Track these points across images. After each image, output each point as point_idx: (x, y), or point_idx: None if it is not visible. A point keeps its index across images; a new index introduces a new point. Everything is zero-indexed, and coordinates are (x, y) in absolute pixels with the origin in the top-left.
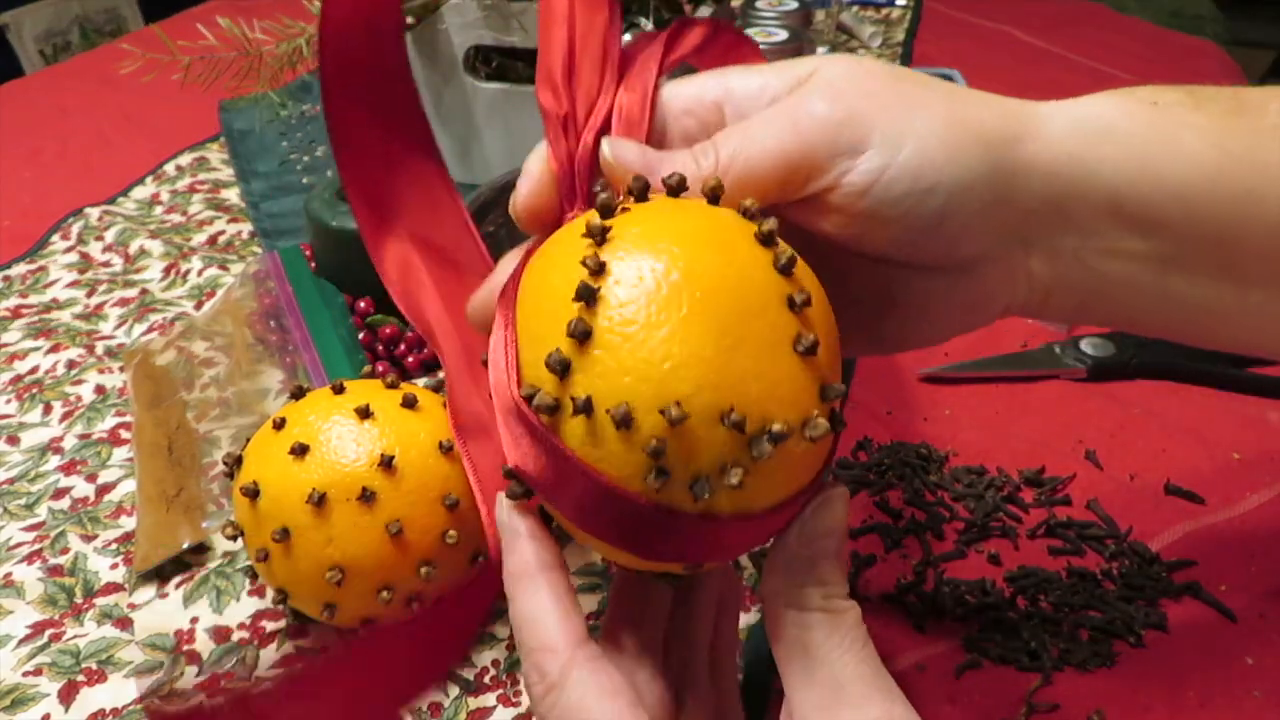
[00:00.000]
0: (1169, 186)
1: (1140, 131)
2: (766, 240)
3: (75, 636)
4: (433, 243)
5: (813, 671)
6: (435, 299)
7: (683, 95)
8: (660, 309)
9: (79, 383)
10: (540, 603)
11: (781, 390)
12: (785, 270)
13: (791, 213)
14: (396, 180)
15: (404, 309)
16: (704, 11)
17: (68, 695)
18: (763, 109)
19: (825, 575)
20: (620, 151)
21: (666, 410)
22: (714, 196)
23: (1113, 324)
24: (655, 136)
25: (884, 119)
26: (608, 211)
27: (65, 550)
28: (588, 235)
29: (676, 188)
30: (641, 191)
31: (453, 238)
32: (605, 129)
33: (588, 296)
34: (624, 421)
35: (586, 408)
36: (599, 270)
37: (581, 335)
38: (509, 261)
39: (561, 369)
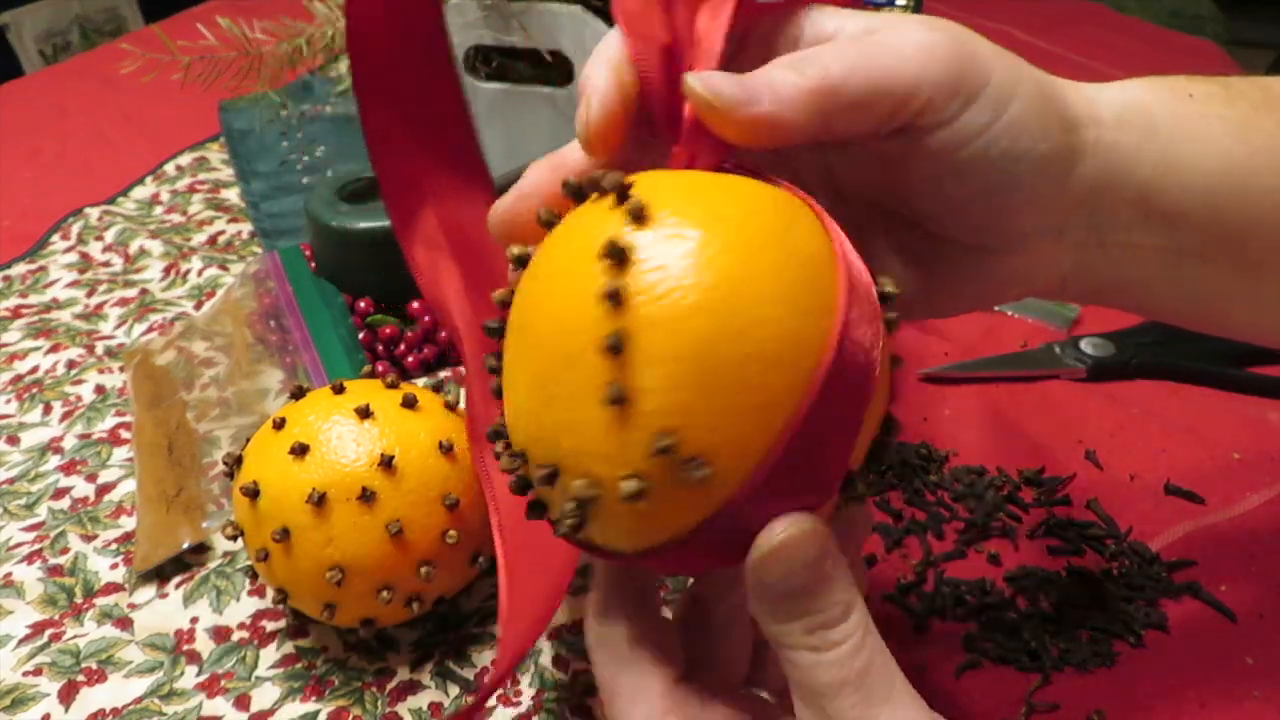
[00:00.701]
0: (1196, 183)
1: (1174, 127)
2: (617, 257)
3: (75, 636)
4: (465, 233)
5: (806, 711)
6: (462, 296)
7: (771, 28)
8: (507, 359)
9: (79, 383)
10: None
11: (592, 445)
12: (614, 300)
13: (862, 150)
14: (430, 164)
15: (430, 300)
16: None
17: (68, 695)
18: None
19: (793, 612)
20: (714, 84)
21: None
22: (622, 195)
23: (1122, 309)
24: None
25: (999, 69)
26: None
27: (65, 550)
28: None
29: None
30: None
31: (484, 228)
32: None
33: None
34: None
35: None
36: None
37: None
38: (539, 170)
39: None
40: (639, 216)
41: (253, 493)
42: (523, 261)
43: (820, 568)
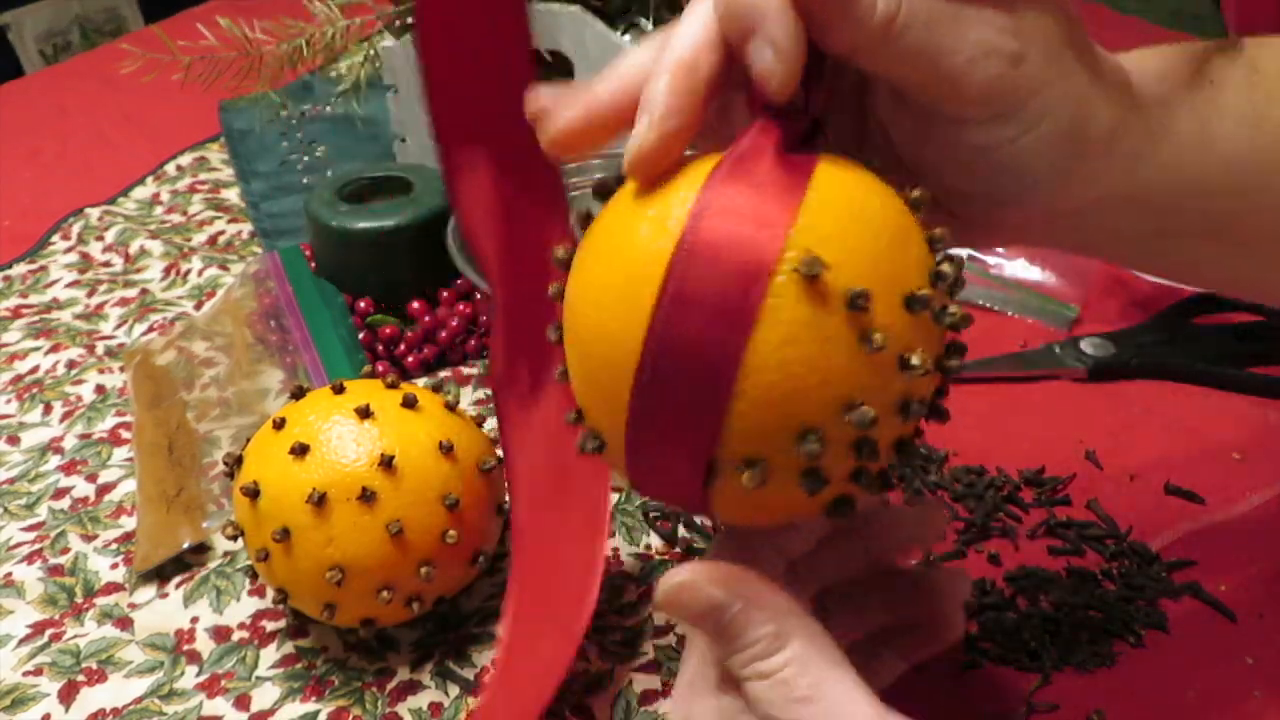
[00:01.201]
0: (1194, 184)
1: (1186, 131)
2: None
3: (75, 636)
4: (518, 172)
5: None
6: (503, 234)
7: None
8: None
9: (79, 383)
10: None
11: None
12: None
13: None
14: (486, 89)
15: (468, 236)
16: None
17: (68, 695)
18: None
19: (723, 649)
20: None
21: None
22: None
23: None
24: None
25: (1044, 90)
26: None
27: (65, 550)
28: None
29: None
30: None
31: (537, 170)
32: None
33: None
34: None
35: None
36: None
37: None
38: (643, 51)
39: None
40: None
41: (253, 493)
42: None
43: (719, 614)
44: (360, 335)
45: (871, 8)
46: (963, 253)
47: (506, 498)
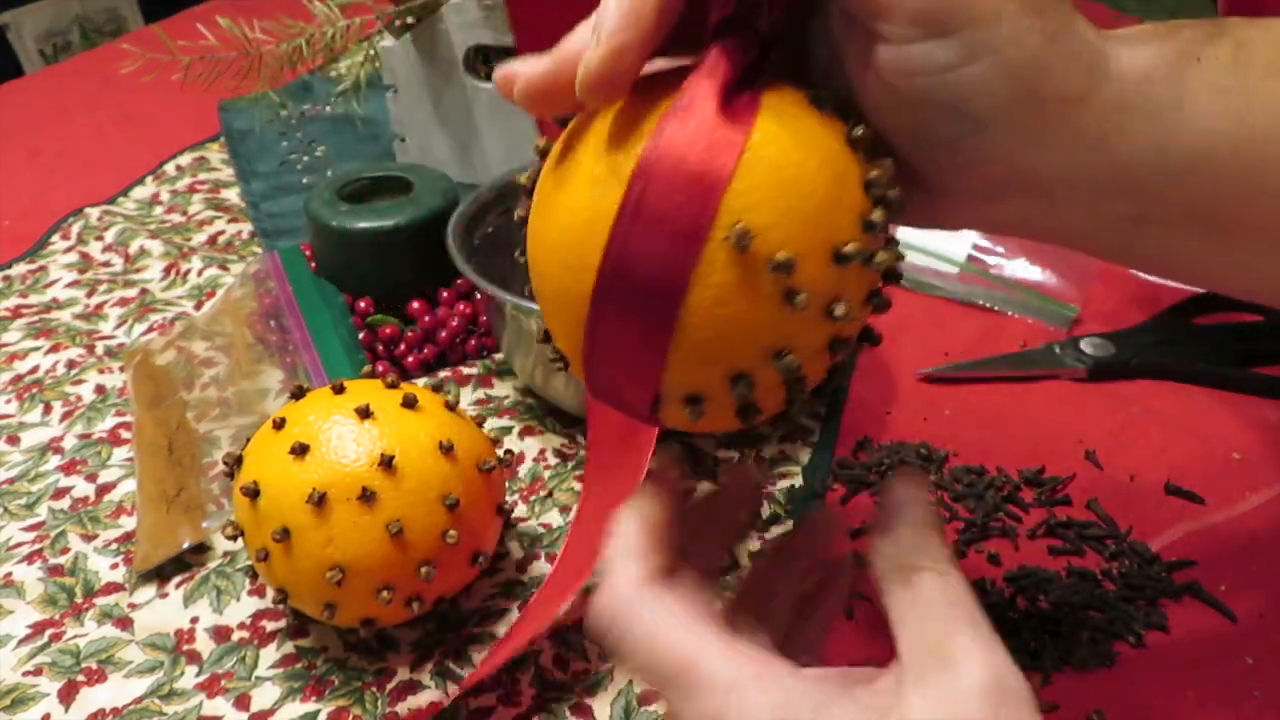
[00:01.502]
0: (1179, 164)
1: (1172, 109)
2: None
3: (75, 636)
4: None
5: (925, 621)
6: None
7: None
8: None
9: (79, 383)
10: (680, 625)
11: None
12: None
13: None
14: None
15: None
16: None
17: (68, 695)
18: None
19: (929, 542)
20: None
21: None
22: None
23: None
24: None
25: (992, 19)
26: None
27: (65, 550)
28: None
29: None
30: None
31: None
32: None
33: None
34: None
35: None
36: None
37: None
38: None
39: None
40: None
41: (253, 493)
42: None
43: (930, 509)
44: (360, 335)
45: None
46: (963, 245)
47: (507, 498)
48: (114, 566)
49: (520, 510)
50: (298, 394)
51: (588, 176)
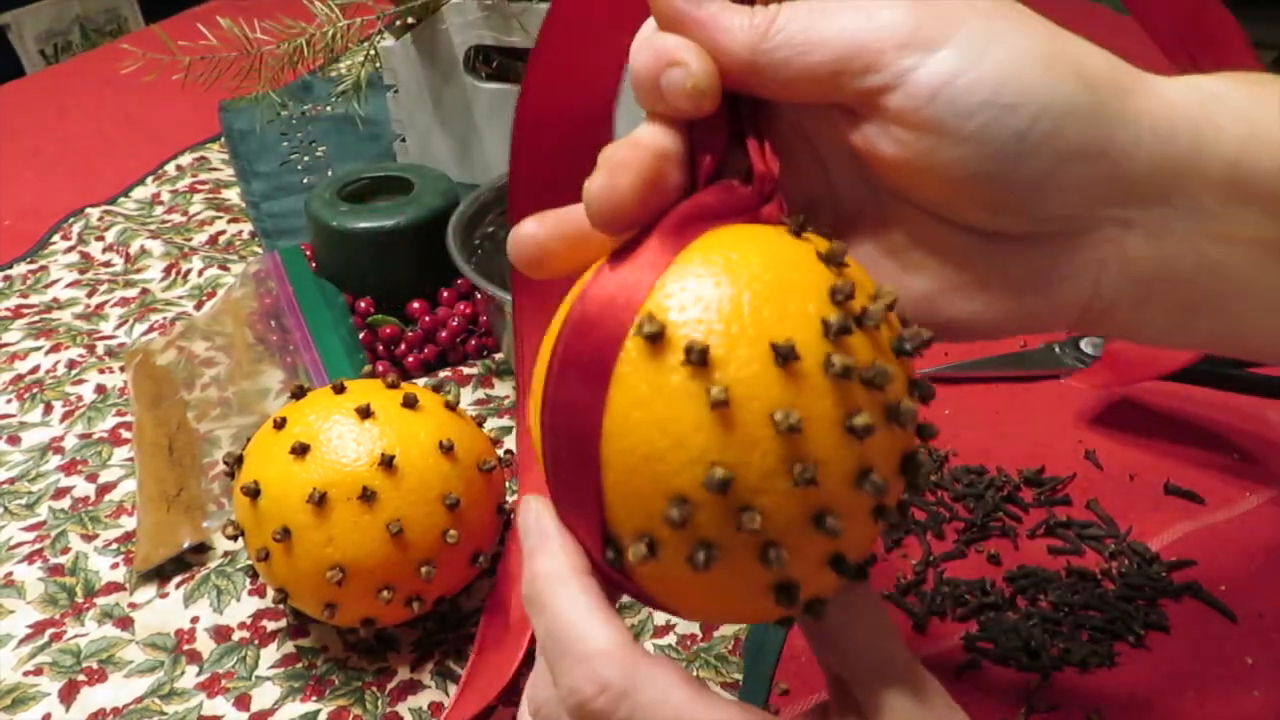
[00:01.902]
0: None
1: (1250, 104)
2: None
3: (76, 636)
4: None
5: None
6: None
7: None
8: None
9: (79, 383)
10: (582, 606)
11: None
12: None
13: (843, 129)
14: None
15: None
16: None
17: (68, 695)
18: None
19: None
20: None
21: None
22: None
23: (1216, 340)
24: None
25: (975, 22)
26: None
27: (66, 550)
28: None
29: None
30: None
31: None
32: None
33: None
34: None
35: None
36: None
37: None
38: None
39: None
40: None
41: (253, 492)
42: None
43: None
44: (360, 335)
45: (733, 31)
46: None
47: (507, 497)
48: (114, 566)
49: None
50: (298, 394)
51: (550, 331)
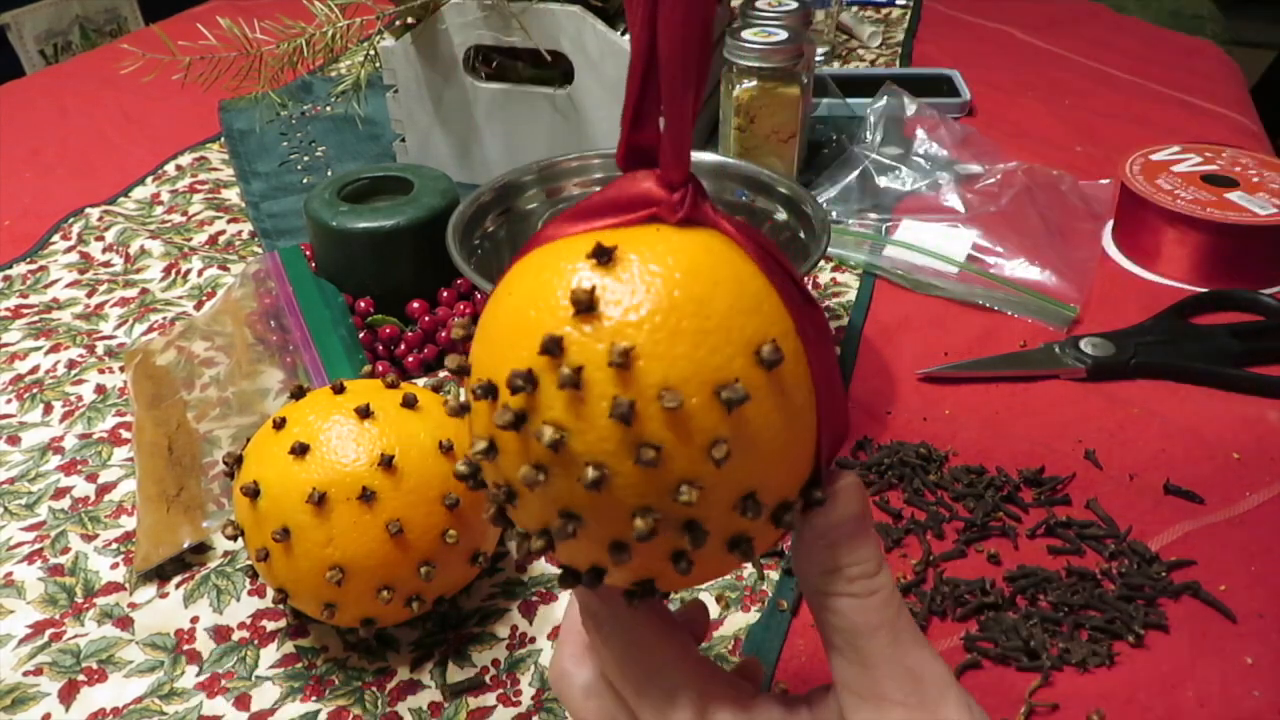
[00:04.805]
0: None
1: None
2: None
3: (76, 636)
4: None
5: (845, 654)
6: None
7: None
8: None
9: (79, 383)
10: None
11: None
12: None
13: None
14: None
15: None
16: None
17: (68, 695)
18: None
19: (844, 559)
20: None
21: None
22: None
23: None
24: None
25: None
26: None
27: (66, 550)
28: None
29: None
30: None
31: None
32: None
33: None
34: None
35: None
36: None
37: None
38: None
39: None
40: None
41: (253, 492)
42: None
43: (866, 520)
44: (360, 335)
45: None
46: (963, 245)
47: None
48: (114, 566)
49: None
50: (298, 394)
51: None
